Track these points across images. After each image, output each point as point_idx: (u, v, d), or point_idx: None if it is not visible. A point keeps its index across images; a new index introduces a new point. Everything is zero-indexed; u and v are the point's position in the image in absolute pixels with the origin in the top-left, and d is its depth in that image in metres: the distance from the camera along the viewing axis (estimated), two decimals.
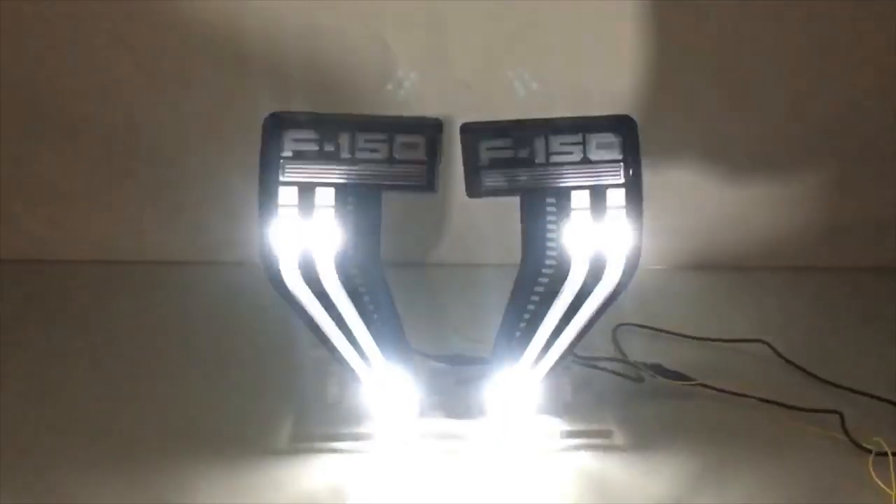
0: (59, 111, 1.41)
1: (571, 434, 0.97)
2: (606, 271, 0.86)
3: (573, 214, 0.84)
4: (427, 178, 0.84)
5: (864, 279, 1.46)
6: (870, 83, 1.43)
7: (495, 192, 0.85)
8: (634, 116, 0.85)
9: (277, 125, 0.83)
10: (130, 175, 1.45)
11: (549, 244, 0.87)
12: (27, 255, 1.47)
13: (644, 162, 0.85)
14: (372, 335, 0.92)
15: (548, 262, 0.88)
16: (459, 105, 1.32)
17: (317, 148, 0.83)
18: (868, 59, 1.41)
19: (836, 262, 1.50)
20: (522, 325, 0.92)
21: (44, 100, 1.40)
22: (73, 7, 1.35)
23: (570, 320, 0.90)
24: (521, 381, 0.96)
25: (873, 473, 0.90)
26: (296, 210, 0.83)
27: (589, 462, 0.94)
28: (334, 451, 0.94)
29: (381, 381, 0.95)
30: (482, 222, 1.39)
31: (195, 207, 1.45)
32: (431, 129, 0.84)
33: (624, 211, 0.85)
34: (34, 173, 1.45)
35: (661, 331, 1.22)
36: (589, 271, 0.86)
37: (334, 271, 0.85)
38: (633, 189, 0.85)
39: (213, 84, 1.38)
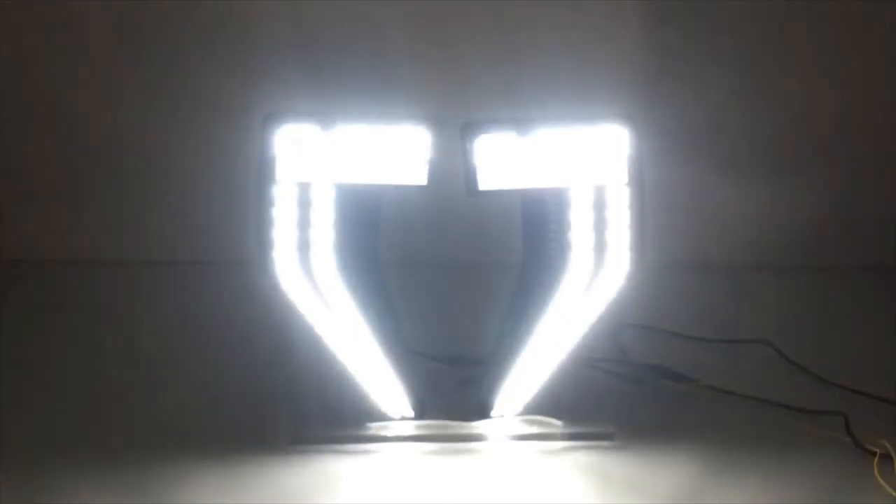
0: (58, 113, 1.41)
1: (572, 435, 0.97)
2: (607, 271, 0.86)
3: (573, 214, 0.84)
4: (427, 178, 0.84)
5: (869, 279, 1.46)
6: (874, 84, 1.42)
7: (496, 192, 0.84)
8: (636, 115, 0.85)
9: (276, 123, 0.83)
10: (130, 175, 1.45)
11: (550, 244, 0.87)
12: (27, 255, 1.47)
13: (645, 161, 0.84)
14: (371, 335, 0.91)
15: (548, 261, 0.87)
16: (460, 105, 1.32)
17: (316, 146, 0.83)
18: (874, 59, 1.41)
19: (840, 262, 1.50)
20: (523, 325, 0.92)
21: (43, 101, 1.40)
22: (71, 12, 1.35)
23: (570, 320, 0.90)
24: (521, 382, 0.96)
25: (878, 475, 0.89)
26: (294, 209, 0.83)
27: (590, 463, 0.93)
28: (333, 451, 0.94)
29: (380, 381, 0.95)
30: (483, 222, 1.38)
31: (195, 207, 1.45)
32: (432, 129, 0.83)
33: (625, 210, 0.84)
34: (34, 174, 1.45)
35: (663, 331, 1.22)
36: (590, 271, 0.85)
37: (333, 271, 0.85)
38: (635, 188, 0.84)
39: (212, 83, 1.38)
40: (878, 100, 1.43)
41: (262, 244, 0.84)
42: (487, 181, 0.84)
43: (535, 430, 0.97)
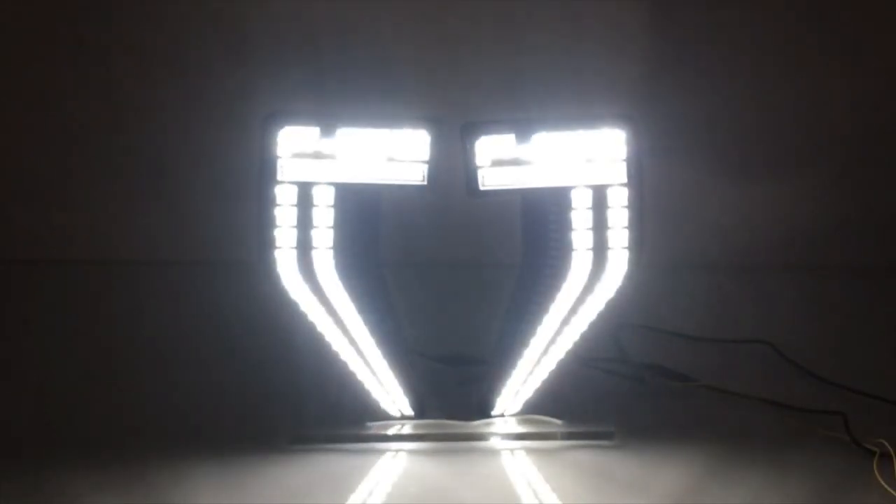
0: (57, 113, 1.41)
1: (572, 434, 0.97)
2: (607, 271, 0.86)
3: (574, 214, 0.84)
4: (427, 178, 0.84)
5: (868, 279, 1.46)
6: (873, 84, 1.42)
7: (496, 192, 0.84)
8: (636, 115, 0.85)
9: (276, 124, 0.83)
10: (130, 175, 1.45)
11: (550, 244, 0.87)
12: (27, 255, 1.47)
13: (645, 161, 0.84)
14: (371, 335, 0.91)
15: (548, 261, 0.88)
16: (460, 105, 1.32)
17: (316, 147, 0.83)
18: (872, 60, 1.41)
19: (839, 262, 1.50)
20: (523, 325, 0.92)
21: (42, 101, 1.40)
22: (70, 11, 1.35)
23: (570, 320, 0.90)
24: (521, 382, 0.96)
25: (878, 474, 0.89)
26: (295, 209, 0.83)
27: (589, 462, 0.93)
28: (334, 450, 0.94)
29: (380, 380, 0.95)
30: (483, 222, 1.38)
31: (195, 207, 1.45)
32: (431, 129, 0.83)
33: (625, 210, 0.84)
34: (34, 174, 1.45)
35: (663, 331, 1.22)
36: (590, 271, 0.86)
37: (333, 271, 0.85)
38: (634, 188, 0.84)
39: (213, 84, 1.38)
40: (878, 100, 1.43)
41: (262, 244, 0.84)
42: (487, 181, 0.84)
43: (534, 429, 0.97)
